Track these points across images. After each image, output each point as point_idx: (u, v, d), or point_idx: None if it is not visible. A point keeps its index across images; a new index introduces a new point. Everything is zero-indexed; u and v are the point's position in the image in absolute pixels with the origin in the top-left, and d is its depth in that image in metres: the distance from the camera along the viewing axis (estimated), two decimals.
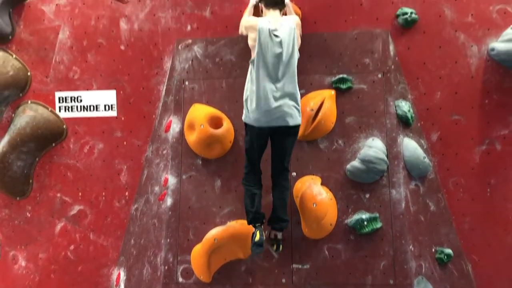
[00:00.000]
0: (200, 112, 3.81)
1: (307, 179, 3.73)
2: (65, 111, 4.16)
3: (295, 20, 3.44)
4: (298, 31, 3.45)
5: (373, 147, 3.67)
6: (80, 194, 4.13)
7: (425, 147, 3.78)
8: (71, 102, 4.15)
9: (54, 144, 4.16)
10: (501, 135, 3.75)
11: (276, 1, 3.46)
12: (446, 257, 3.73)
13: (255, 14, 3.62)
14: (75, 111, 4.15)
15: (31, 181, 4.18)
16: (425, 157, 3.72)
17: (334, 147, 3.78)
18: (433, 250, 3.76)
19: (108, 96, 4.10)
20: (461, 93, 3.76)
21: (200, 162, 3.88)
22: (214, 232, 3.70)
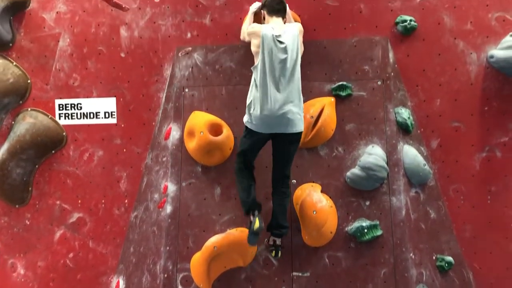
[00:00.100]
0: (200, 119, 3.81)
1: (307, 186, 3.72)
2: (65, 118, 4.16)
3: (298, 27, 3.46)
4: (301, 38, 3.47)
5: (373, 154, 3.67)
6: (79, 201, 4.11)
7: (425, 154, 3.78)
8: (71, 109, 4.15)
9: (53, 151, 4.15)
10: (501, 142, 3.74)
11: (279, 8, 3.47)
12: (447, 265, 3.71)
13: (255, 21, 3.63)
14: (75, 119, 4.15)
15: (30, 188, 4.17)
16: (425, 164, 3.72)
17: (334, 154, 3.78)
18: (434, 258, 3.74)
19: (108, 103, 4.10)
20: (460, 100, 3.77)
21: (200, 170, 3.87)
22: (214, 239, 3.68)
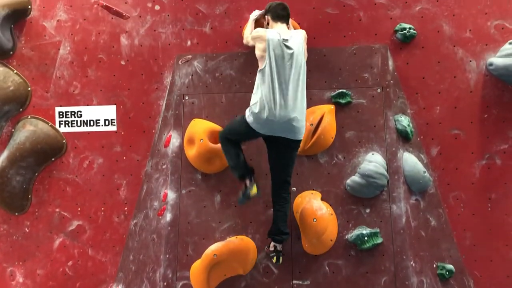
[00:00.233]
0: (199, 126, 3.81)
1: (307, 194, 3.72)
2: (65, 126, 4.16)
3: (303, 34, 3.49)
4: (305, 45, 3.48)
5: (373, 161, 3.67)
6: (79, 209, 4.11)
7: (425, 161, 3.78)
8: (71, 117, 4.15)
9: (53, 159, 4.15)
10: (501, 150, 3.74)
11: (283, 14, 3.49)
12: (447, 272, 3.69)
13: (257, 28, 3.63)
14: (75, 126, 4.15)
15: (30, 196, 4.17)
16: (425, 171, 3.72)
17: (334, 161, 3.78)
18: (434, 266, 3.73)
19: (108, 111, 4.11)
20: (460, 107, 3.77)
21: (200, 177, 3.87)
22: (214, 247, 3.67)
